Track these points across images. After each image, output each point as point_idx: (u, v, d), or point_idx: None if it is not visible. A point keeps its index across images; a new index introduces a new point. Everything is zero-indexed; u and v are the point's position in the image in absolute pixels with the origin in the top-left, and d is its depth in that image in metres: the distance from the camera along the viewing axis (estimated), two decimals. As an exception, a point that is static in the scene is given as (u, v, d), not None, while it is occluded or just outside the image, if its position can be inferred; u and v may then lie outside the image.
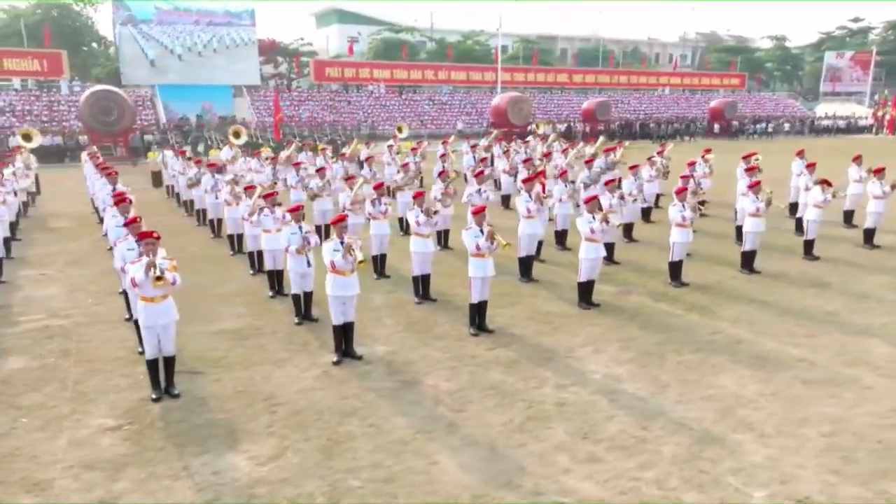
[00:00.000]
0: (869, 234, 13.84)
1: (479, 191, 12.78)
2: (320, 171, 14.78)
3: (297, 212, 9.02)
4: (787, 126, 52.94)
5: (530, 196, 11.10)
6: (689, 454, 5.84)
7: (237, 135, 21.82)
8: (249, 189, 11.65)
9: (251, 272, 11.83)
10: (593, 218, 9.59)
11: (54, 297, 10.64)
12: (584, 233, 9.67)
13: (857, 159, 15.66)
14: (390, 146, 20.15)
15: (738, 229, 13.43)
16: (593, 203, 9.81)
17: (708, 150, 18.89)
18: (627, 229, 14.24)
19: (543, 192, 11.61)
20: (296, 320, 9.17)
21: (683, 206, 10.95)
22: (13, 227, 14.37)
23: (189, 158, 17.21)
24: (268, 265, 10.62)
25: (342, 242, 7.75)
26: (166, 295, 6.85)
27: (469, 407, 6.74)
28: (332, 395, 6.98)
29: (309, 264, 8.88)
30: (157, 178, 22.15)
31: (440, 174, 13.21)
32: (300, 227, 8.83)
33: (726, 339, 8.60)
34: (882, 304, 9.96)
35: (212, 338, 8.68)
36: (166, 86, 42.42)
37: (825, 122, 56.35)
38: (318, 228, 12.15)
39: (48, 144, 30.84)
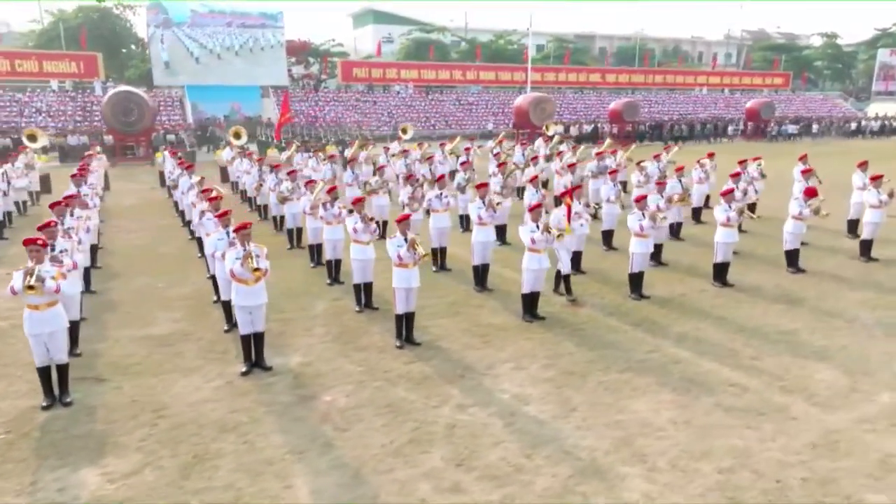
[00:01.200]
0: (865, 246, 12.96)
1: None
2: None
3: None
4: (814, 127, 50.45)
5: (484, 203, 10.74)
6: (563, 488, 5.46)
7: (237, 136, 22.05)
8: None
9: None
10: (536, 227, 9.18)
11: (3, 298, 10.81)
12: (525, 242, 9.28)
13: (863, 165, 14.70)
14: (386, 148, 19.99)
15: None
16: (537, 211, 9.39)
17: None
18: (606, 236, 13.72)
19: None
20: (225, 327, 9.09)
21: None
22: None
23: (181, 159, 17.36)
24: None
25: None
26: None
27: (356, 426, 6.48)
28: (223, 409, 6.82)
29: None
30: (163, 178, 22.53)
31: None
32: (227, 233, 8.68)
33: (662, 358, 8.10)
34: (850, 325, 9.25)
35: (135, 343, 8.66)
36: (196, 86, 43.31)
37: (866, 123, 53.53)
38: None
39: (75, 144, 31.85)
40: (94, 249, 11.83)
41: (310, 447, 6.08)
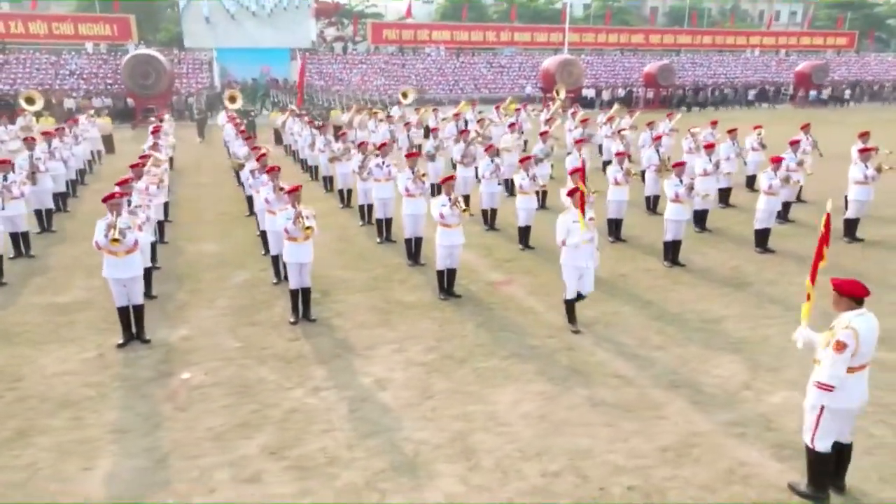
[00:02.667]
0: (849, 226, 11.88)
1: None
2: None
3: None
4: (846, 93, 46.88)
5: (413, 172, 10.27)
6: (366, 484, 5.13)
7: (233, 100, 22.01)
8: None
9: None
10: (448, 200, 8.70)
11: None
12: (435, 217, 8.81)
13: (864, 136, 13.42)
14: (375, 112, 19.54)
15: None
16: (449, 184, 8.87)
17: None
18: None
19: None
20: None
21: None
22: None
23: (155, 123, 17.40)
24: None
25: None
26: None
27: (196, 406, 6.29)
28: (77, 382, 6.74)
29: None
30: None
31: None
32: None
33: (558, 344, 7.59)
34: (787, 314, 8.46)
35: (37, 310, 8.70)
36: (225, 49, 43.48)
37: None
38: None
39: (99, 106, 32.56)
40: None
41: (136, 427, 5.93)
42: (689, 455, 5.47)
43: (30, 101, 19.70)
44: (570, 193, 7.99)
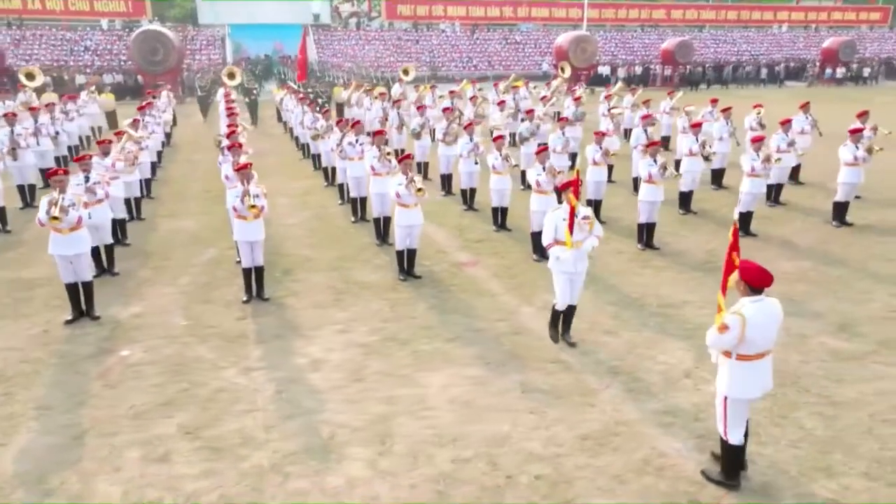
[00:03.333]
0: (838, 209, 11.43)
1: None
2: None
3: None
4: (866, 70, 45.04)
5: (379, 150, 10.09)
6: (271, 467, 5.06)
7: (231, 76, 21.92)
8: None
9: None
10: (404, 179, 8.52)
11: None
12: (391, 196, 8.67)
13: (862, 115, 12.89)
14: (370, 89, 19.32)
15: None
16: (406, 163, 8.69)
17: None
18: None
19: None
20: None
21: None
22: None
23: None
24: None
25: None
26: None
27: (127, 384, 6.30)
28: (15, 358, 6.75)
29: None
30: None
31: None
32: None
33: (505, 329, 7.44)
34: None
35: (3, 285, 8.80)
36: (239, 25, 43.51)
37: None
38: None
39: (110, 82, 32.83)
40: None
41: (60, 404, 5.94)
42: (608, 444, 5.32)
43: (30, 76, 19.91)
44: (563, 188, 6.94)
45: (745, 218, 10.91)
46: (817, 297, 8.29)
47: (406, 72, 23.18)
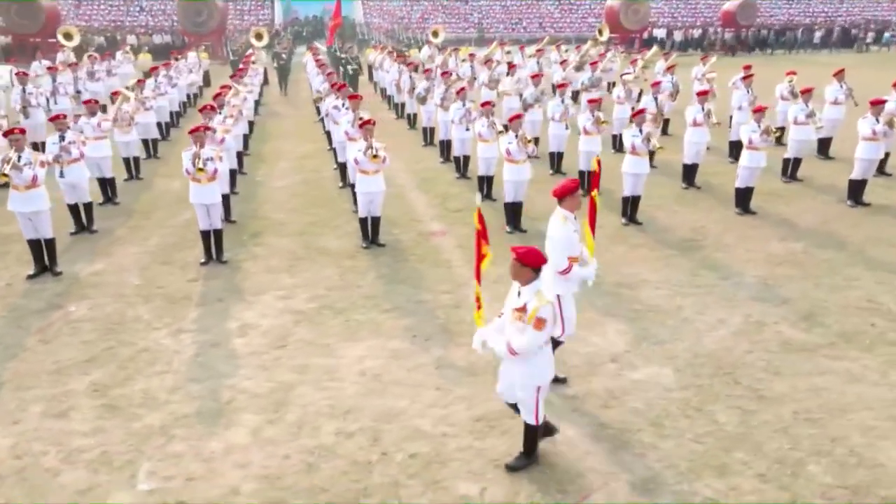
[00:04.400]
0: (854, 188, 10.58)
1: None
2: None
3: None
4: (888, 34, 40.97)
5: (352, 122, 9.94)
6: (160, 428, 5.14)
7: (259, 37, 21.95)
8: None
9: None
10: (364, 145, 8.36)
11: None
12: (350, 162, 8.53)
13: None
14: (391, 52, 19.05)
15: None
16: (367, 128, 8.50)
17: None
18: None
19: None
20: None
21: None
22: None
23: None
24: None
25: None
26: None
27: (59, 340, 6.51)
28: (-33, 312, 7.13)
29: None
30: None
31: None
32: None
33: (447, 301, 7.29)
34: (720, 283, 7.73)
35: (-17, 240, 9.24)
36: (290, -15, 43.72)
37: None
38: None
39: (159, 42, 33.66)
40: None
41: (-13, 360, 6.21)
42: (500, 427, 5.15)
43: (67, 36, 20.60)
44: (567, 192, 5.52)
45: (745, 194, 10.26)
46: (794, 282, 7.75)
47: (435, 34, 22.70)
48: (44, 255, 7.98)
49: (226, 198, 9.78)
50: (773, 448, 4.89)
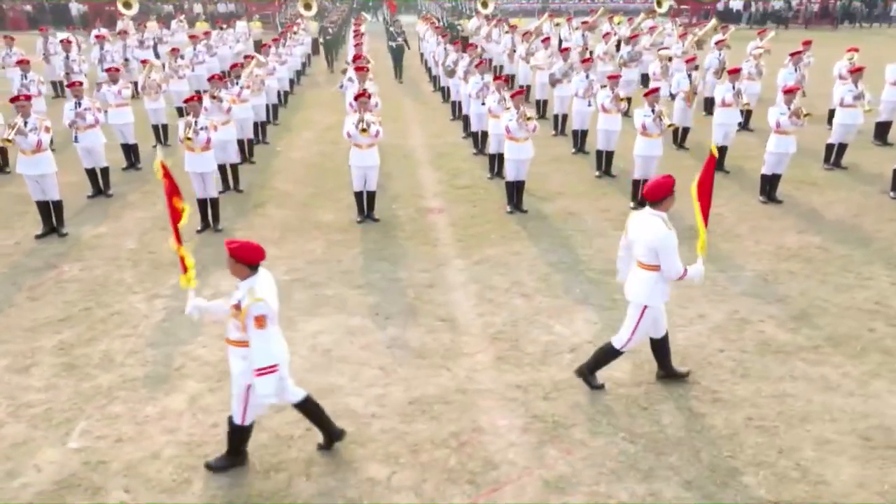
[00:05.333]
0: (898, 177, 9.71)
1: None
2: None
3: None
4: None
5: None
6: (108, 389, 5.33)
7: (308, 7, 22.01)
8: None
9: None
10: (355, 121, 8.29)
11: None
12: (352, 137, 8.46)
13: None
14: (432, 22, 18.72)
15: None
16: (362, 100, 8.40)
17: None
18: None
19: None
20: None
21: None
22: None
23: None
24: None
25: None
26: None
27: (45, 298, 6.82)
28: (-24, 265, 7.58)
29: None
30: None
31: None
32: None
33: (422, 280, 7.20)
34: (708, 274, 7.29)
35: (6, 198, 9.75)
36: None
37: None
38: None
39: (224, 11, 34.45)
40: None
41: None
42: (430, 412, 5.06)
43: (127, 5, 21.42)
44: (664, 192, 4.99)
45: (771, 182, 9.60)
46: (797, 279, 7.22)
47: (485, 4, 22.18)
48: (52, 216, 8.38)
49: (234, 167, 10.01)
50: (711, 455, 4.59)
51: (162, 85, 11.98)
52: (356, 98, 8.48)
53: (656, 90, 9.04)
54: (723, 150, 10.93)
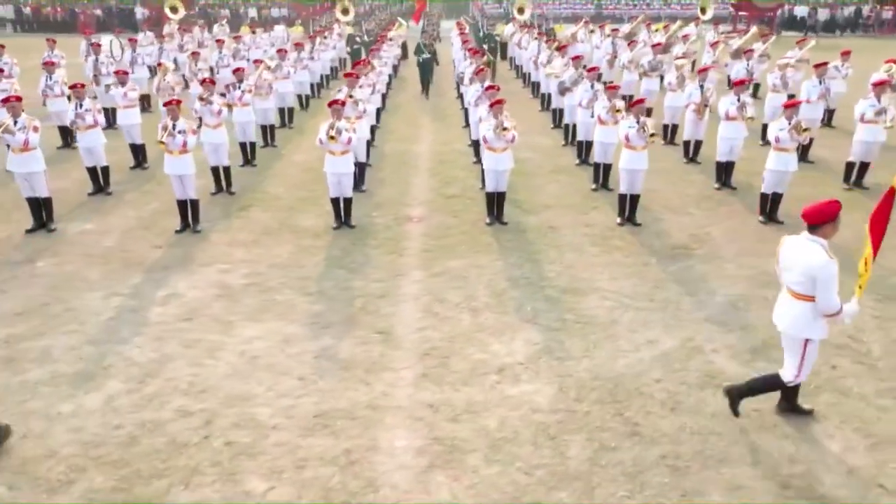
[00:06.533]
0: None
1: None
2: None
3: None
4: None
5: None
6: (35, 383, 5.48)
7: (345, 11, 22.23)
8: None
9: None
10: (330, 126, 8.28)
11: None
12: (323, 144, 8.46)
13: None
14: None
15: None
16: (335, 108, 8.38)
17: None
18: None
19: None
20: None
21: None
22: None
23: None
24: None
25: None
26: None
27: (11, 292, 7.08)
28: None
29: None
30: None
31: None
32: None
33: (375, 290, 7.10)
34: (680, 298, 6.90)
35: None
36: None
37: None
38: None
39: (276, 16, 35.40)
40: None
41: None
42: (332, 426, 4.96)
43: (173, 9, 22.25)
44: (828, 216, 4.70)
45: (773, 201, 9.05)
46: (769, 307, 6.56)
47: (521, 10, 21.89)
48: (42, 212, 8.73)
49: (226, 169, 10.20)
50: (606, 493, 4.32)
51: (176, 87, 12.34)
52: (328, 105, 8.48)
53: (641, 101, 8.64)
54: (728, 165, 10.41)
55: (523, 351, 5.98)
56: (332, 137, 8.15)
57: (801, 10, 37.13)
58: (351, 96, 9.65)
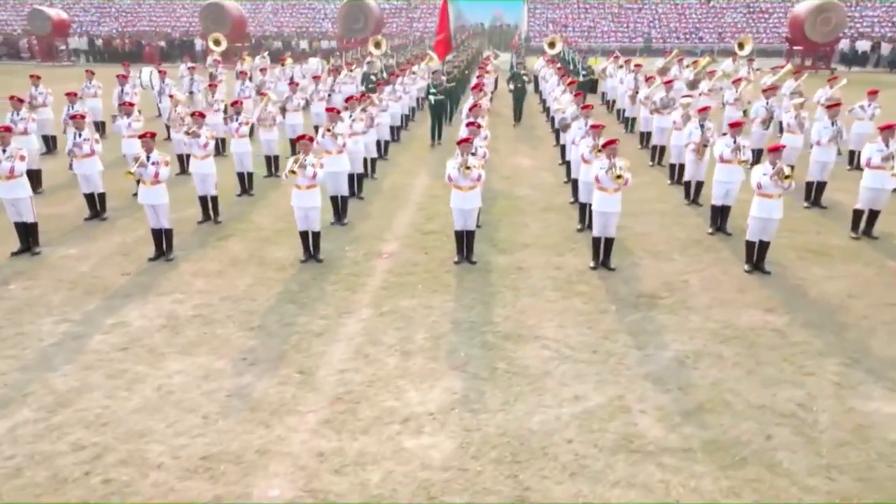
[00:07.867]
0: None
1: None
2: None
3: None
4: None
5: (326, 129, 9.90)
6: None
7: (378, 45, 22.61)
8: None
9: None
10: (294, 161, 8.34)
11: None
12: (288, 178, 8.52)
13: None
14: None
15: None
16: (302, 144, 8.44)
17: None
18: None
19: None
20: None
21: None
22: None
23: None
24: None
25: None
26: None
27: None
28: (-54, 277, 8.38)
29: None
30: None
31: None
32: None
33: (334, 327, 7.03)
34: (595, 357, 6.52)
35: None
36: (462, -7, 44.74)
37: None
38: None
39: (326, 48, 36.51)
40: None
41: (-83, 319, 7.26)
42: (214, 470, 4.87)
43: (217, 42, 23.25)
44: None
45: (760, 250, 8.54)
46: (721, 367, 6.31)
47: (552, 44, 21.75)
48: (28, 236, 9.13)
49: (214, 199, 10.43)
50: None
51: (185, 118, 12.78)
52: (296, 140, 8.57)
53: (614, 142, 8.34)
54: (723, 209, 9.91)
55: (438, 400, 5.76)
56: (292, 171, 8.21)
57: (863, 45, 35.57)
58: (329, 130, 9.75)
